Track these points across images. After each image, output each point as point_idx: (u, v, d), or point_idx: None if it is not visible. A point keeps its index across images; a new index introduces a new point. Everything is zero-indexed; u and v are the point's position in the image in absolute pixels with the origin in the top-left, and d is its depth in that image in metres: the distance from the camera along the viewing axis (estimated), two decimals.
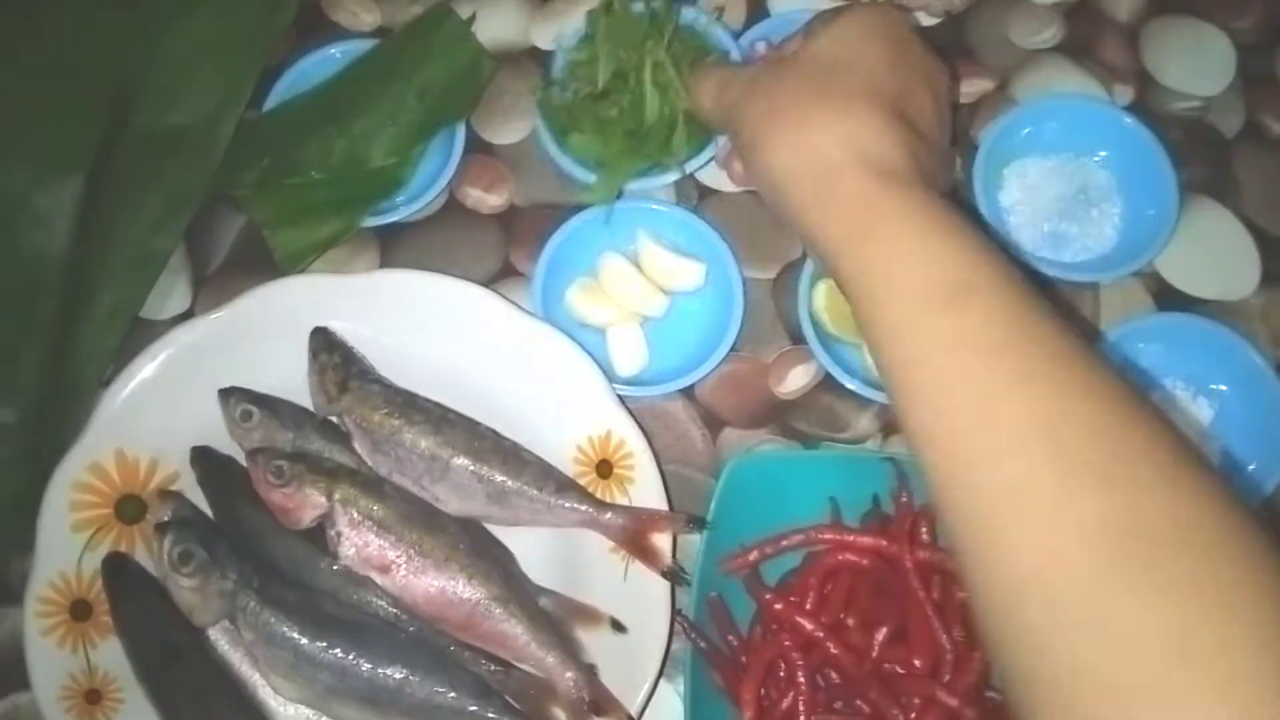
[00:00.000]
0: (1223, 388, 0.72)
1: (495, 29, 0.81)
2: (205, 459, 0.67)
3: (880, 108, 0.53)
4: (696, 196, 0.78)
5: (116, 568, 0.64)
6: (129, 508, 0.66)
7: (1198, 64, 0.82)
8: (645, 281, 0.73)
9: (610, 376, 0.69)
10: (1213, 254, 0.77)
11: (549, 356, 0.68)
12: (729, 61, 0.74)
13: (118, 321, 0.73)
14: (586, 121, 0.74)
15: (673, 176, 0.74)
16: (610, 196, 0.73)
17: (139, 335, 0.73)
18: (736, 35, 0.79)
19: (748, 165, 0.58)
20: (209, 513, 0.66)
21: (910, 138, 0.54)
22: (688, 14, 0.77)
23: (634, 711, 0.62)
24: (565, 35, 0.78)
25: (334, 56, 0.79)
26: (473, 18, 0.80)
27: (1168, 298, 0.76)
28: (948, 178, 0.62)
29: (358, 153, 0.76)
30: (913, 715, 0.61)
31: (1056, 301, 0.74)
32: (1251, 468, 0.69)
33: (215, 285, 0.76)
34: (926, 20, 0.83)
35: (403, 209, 0.75)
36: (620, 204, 0.73)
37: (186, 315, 0.75)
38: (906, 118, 0.55)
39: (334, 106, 0.77)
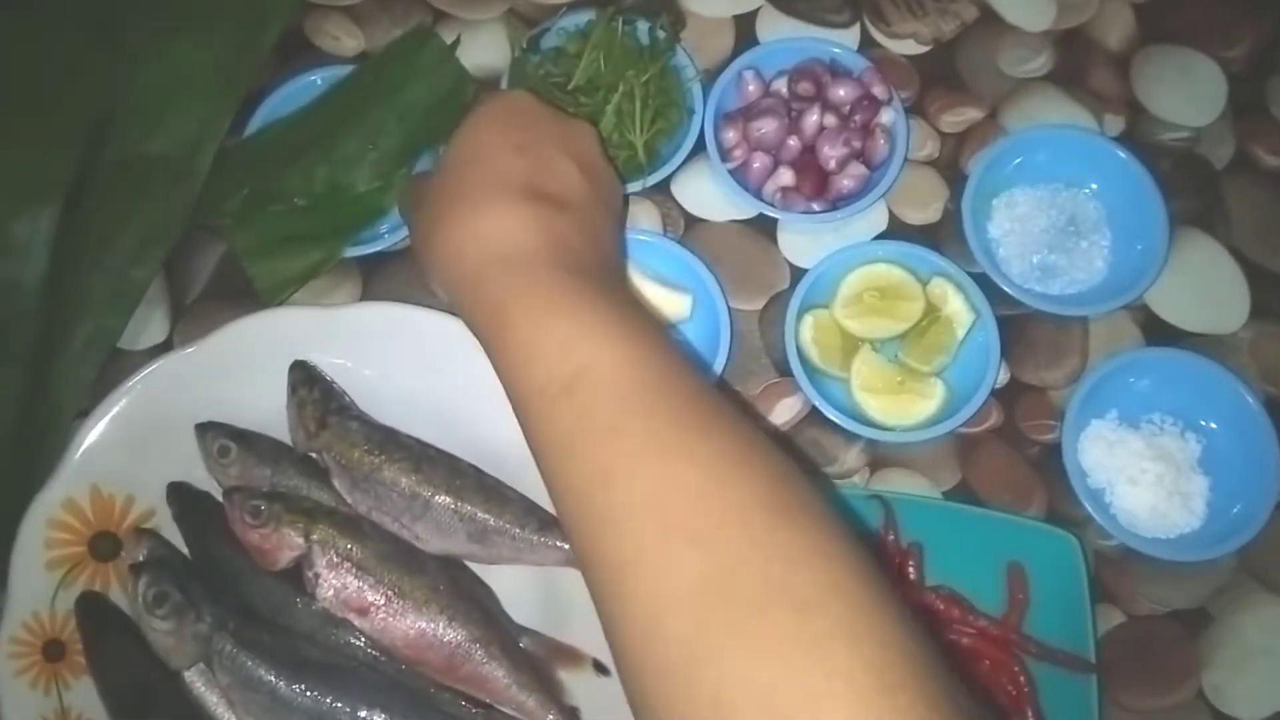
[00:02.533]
0: (1211, 424, 0.71)
1: (477, 54, 0.81)
2: (182, 495, 0.66)
3: (508, 196, 0.55)
4: (683, 225, 0.77)
5: (91, 607, 0.63)
6: (104, 545, 0.65)
7: (1188, 94, 0.82)
8: None
9: None
10: (1202, 287, 0.77)
11: None
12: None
13: (95, 352, 0.72)
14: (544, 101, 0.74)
15: None
16: None
17: (116, 366, 0.72)
18: (724, 63, 0.78)
19: (418, 261, 0.59)
20: (185, 550, 0.65)
21: (545, 215, 0.54)
22: (679, 58, 0.76)
23: None
24: (569, 20, 0.78)
25: (314, 83, 0.79)
26: (457, 41, 0.79)
27: (1156, 331, 0.75)
28: (616, 212, 0.63)
29: (340, 179, 0.75)
30: None
31: (1046, 332, 0.74)
32: (1239, 505, 0.69)
33: (193, 316, 0.75)
34: (916, 48, 0.82)
35: (387, 238, 0.74)
36: None
37: (164, 346, 0.74)
38: (544, 193, 0.56)
39: (315, 132, 0.76)
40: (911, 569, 0.64)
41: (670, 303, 0.72)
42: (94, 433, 0.65)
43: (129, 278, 0.73)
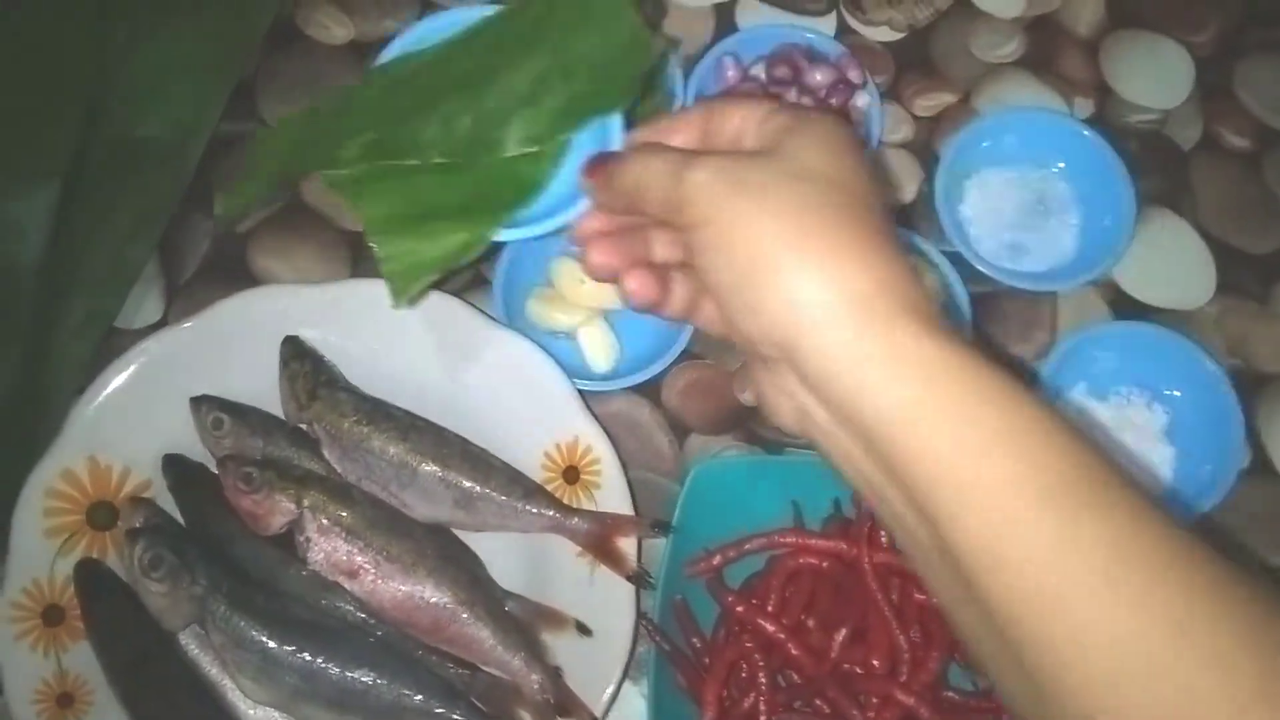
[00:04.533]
0: (1177, 394, 0.73)
1: None
2: (176, 466, 0.68)
3: (893, 238, 0.42)
4: None
5: (88, 573, 0.65)
6: (101, 514, 0.67)
7: (1156, 77, 0.84)
8: None
9: (589, 374, 0.71)
10: (1169, 263, 0.79)
11: (516, 363, 0.69)
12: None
13: (92, 331, 0.74)
14: None
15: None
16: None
17: (112, 344, 0.74)
18: (704, 50, 0.80)
19: (727, 293, 0.42)
20: (180, 519, 0.67)
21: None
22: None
23: (598, 713, 0.63)
24: None
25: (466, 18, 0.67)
26: None
27: (1124, 306, 0.77)
28: None
29: (487, 136, 0.63)
30: (870, 714, 0.62)
31: (1017, 307, 0.76)
32: (1204, 472, 0.71)
33: (188, 294, 0.77)
34: (891, 35, 0.85)
35: (544, 220, 0.62)
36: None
37: (159, 324, 0.76)
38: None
39: (460, 75, 0.65)
40: (883, 533, 0.66)
41: None
42: (91, 406, 0.67)
43: (125, 257, 0.75)
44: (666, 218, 0.44)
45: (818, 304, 0.40)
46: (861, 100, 0.78)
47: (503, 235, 0.62)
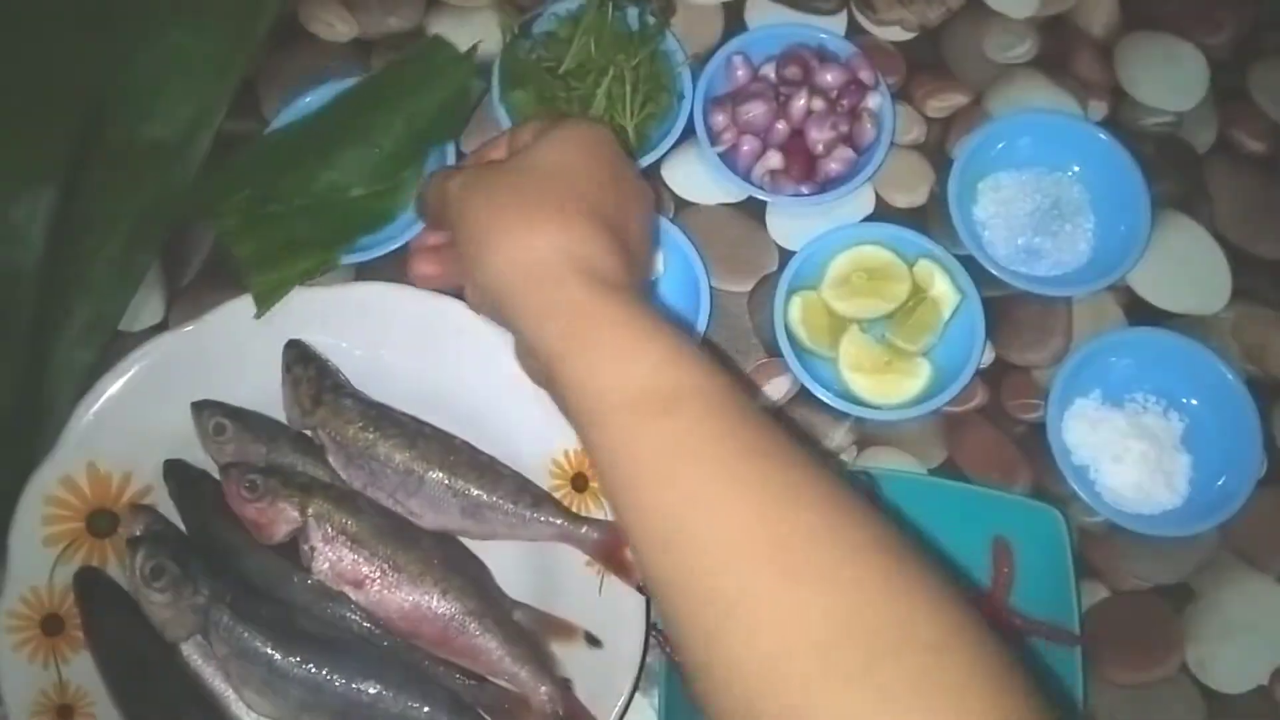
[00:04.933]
0: (1194, 402, 0.72)
1: (469, 40, 0.80)
2: (178, 473, 0.67)
3: (597, 219, 0.53)
4: (673, 208, 0.78)
5: (88, 582, 0.64)
6: (101, 522, 0.66)
7: (1171, 79, 0.83)
8: None
9: None
10: (1184, 268, 0.78)
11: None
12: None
13: (96, 335, 0.73)
14: (534, 87, 0.76)
15: None
16: None
17: (112, 347, 0.73)
18: (714, 49, 0.79)
19: (467, 262, 0.54)
20: (182, 526, 0.66)
21: (624, 250, 0.53)
22: (669, 43, 0.77)
23: None
24: (560, 5, 0.79)
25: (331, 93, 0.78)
26: (473, 49, 0.78)
27: (1139, 312, 0.76)
28: (649, 286, 0.65)
29: (340, 182, 0.75)
30: None
31: (1031, 312, 0.75)
32: (1221, 481, 0.70)
33: (189, 298, 0.76)
34: (902, 35, 0.84)
35: (387, 244, 0.74)
36: None
37: (160, 328, 0.75)
38: (618, 232, 0.54)
39: (318, 137, 0.76)
40: None
41: None
42: (91, 411, 0.66)
43: (128, 261, 0.74)
44: (446, 220, 0.56)
45: (502, 266, 0.52)
46: (873, 101, 0.77)
47: (352, 258, 0.74)
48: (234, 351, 0.68)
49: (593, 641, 0.64)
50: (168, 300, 0.76)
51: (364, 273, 0.76)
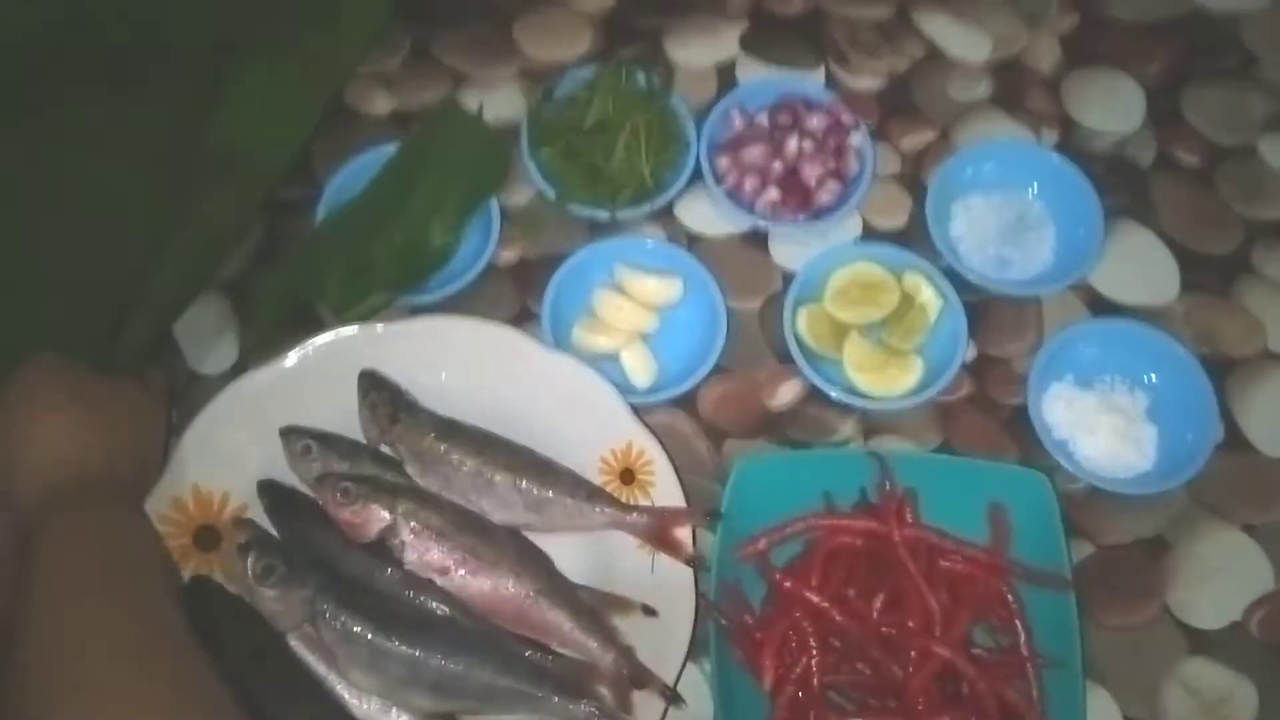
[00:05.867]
0: (1155, 379, 0.82)
1: (496, 108, 0.92)
2: (271, 490, 0.75)
3: None
4: (687, 241, 0.89)
5: (200, 588, 0.72)
6: (205, 537, 0.74)
7: (1113, 107, 0.95)
8: (634, 304, 0.83)
9: (632, 391, 0.79)
10: (1138, 267, 0.89)
11: (572, 382, 0.77)
12: None
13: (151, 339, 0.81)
14: (561, 143, 0.87)
15: (604, 215, 0.87)
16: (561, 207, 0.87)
17: (195, 390, 0.82)
18: (712, 103, 0.91)
19: None
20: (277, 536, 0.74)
21: None
22: (675, 100, 0.89)
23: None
24: (576, 74, 0.90)
25: (364, 164, 0.88)
26: (480, 109, 0.90)
27: (1101, 306, 0.87)
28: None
29: (417, 238, 0.85)
30: (910, 668, 0.70)
31: (1006, 312, 0.85)
32: (1185, 443, 0.80)
33: (260, 342, 0.84)
34: (875, 83, 0.95)
35: (452, 283, 0.84)
36: (593, 246, 0.85)
37: (236, 369, 0.83)
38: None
39: (383, 207, 0.86)
40: (909, 511, 0.74)
41: (665, 287, 0.84)
42: (193, 439, 0.75)
43: (195, 267, 0.83)
44: None
45: None
46: (855, 140, 0.89)
47: (414, 300, 0.85)
48: (311, 383, 0.77)
49: (649, 612, 0.72)
50: (240, 343, 0.85)
51: (416, 312, 0.85)
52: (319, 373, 0.78)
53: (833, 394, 0.81)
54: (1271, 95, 0.96)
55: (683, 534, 0.74)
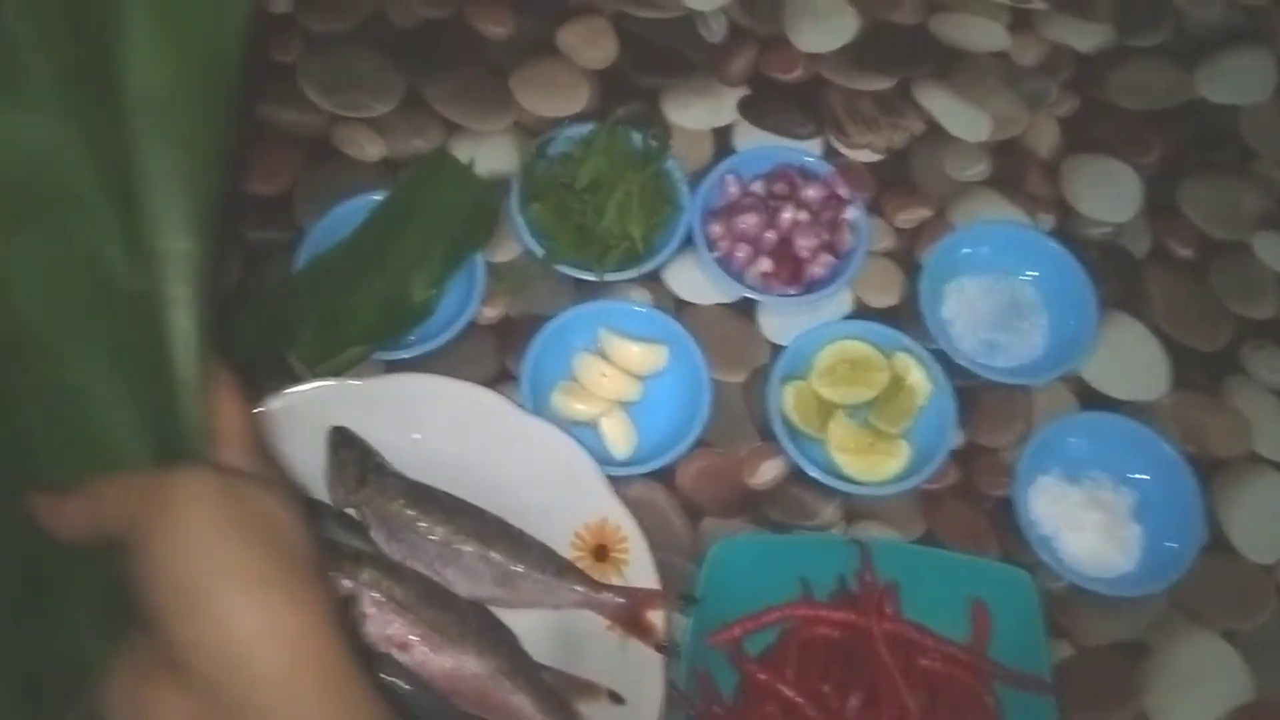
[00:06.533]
0: (1143, 477, 0.81)
1: (489, 161, 0.90)
2: None
3: None
4: (674, 307, 0.87)
5: None
6: None
7: (1110, 195, 0.94)
8: (617, 371, 0.81)
9: (610, 461, 0.77)
10: (1129, 360, 0.88)
11: (548, 450, 0.75)
12: None
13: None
14: (552, 200, 0.85)
15: (590, 277, 0.85)
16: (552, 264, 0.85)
17: None
18: (707, 167, 0.89)
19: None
20: None
21: None
22: (669, 163, 0.87)
23: None
24: (572, 130, 0.89)
25: (349, 213, 0.86)
26: (472, 161, 0.87)
27: (1091, 399, 0.86)
28: None
29: (398, 290, 0.83)
30: None
31: (995, 399, 0.84)
32: (1169, 547, 0.78)
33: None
34: (872, 156, 0.94)
35: (432, 340, 0.82)
36: (578, 308, 0.83)
37: None
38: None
39: (365, 255, 0.84)
40: (889, 605, 0.72)
41: (649, 355, 0.82)
42: None
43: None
44: None
45: None
46: (850, 213, 0.87)
47: (388, 355, 0.82)
48: (278, 439, 0.74)
49: (616, 699, 0.69)
50: None
51: (392, 368, 0.83)
52: (286, 427, 0.75)
53: (816, 475, 0.79)
54: (1267, 192, 0.96)
55: (655, 617, 0.71)
